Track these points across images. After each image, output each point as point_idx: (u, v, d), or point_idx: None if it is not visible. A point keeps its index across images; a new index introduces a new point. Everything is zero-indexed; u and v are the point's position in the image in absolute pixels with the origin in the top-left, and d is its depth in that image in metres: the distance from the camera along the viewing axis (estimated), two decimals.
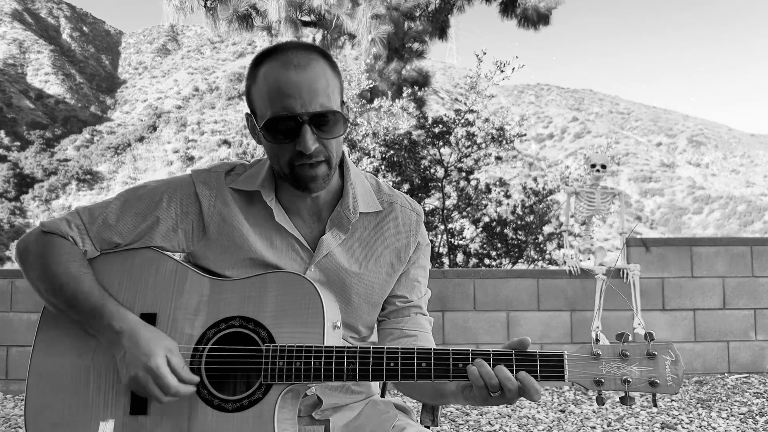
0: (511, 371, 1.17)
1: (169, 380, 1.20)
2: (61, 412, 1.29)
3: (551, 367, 1.18)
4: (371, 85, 8.51)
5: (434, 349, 1.20)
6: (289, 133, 1.24)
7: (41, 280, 1.31)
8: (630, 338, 1.18)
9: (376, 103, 7.91)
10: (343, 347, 1.22)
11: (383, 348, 1.22)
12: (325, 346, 1.22)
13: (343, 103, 1.31)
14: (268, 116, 1.25)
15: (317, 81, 1.24)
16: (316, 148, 1.25)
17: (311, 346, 1.22)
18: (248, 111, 1.34)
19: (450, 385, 1.28)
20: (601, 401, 1.19)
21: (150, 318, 1.31)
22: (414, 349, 1.21)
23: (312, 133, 1.24)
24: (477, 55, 7.91)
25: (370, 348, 1.22)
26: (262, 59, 1.29)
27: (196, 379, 1.24)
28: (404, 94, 8.06)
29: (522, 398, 1.65)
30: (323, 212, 1.41)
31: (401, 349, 1.21)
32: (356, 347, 1.22)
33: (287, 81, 1.23)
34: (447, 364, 1.19)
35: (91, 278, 1.31)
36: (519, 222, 7.84)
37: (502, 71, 7.80)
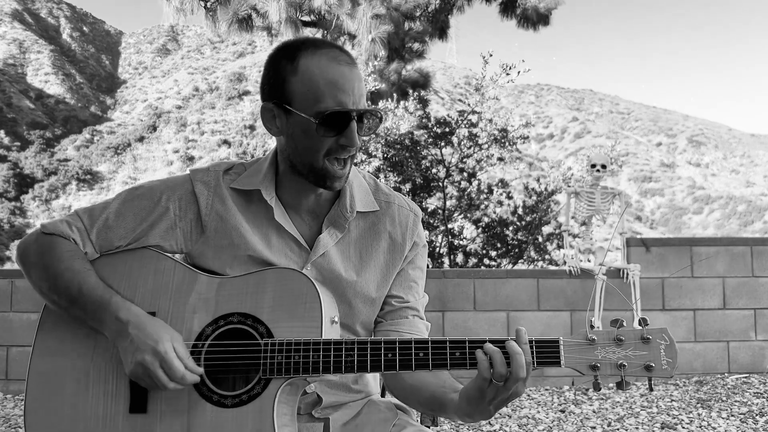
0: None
1: (176, 364, 1.21)
2: (61, 412, 1.29)
3: (547, 353, 1.18)
4: (377, 87, 8.51)
5: (431, 339, 1.21)
6: (337, 127, 1.26)
7: (43, 279, 1.32)
8: (624, 324, 1.19)
9: (381, 104, 7.91)
10: (341, 340, 1.23)
11: (381, 339, 1.23)
12: (323, 339, 1.22)
13: None
14: (323, 109, 1.24)
15: (361, 80, 1.29)
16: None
17: (309, 340, 1.22)
18: (274, 101, 1.30)
19: (451, 393, 1.27)
20: (597, 387, 1.20)
21: None
22: (411, 339, 1.22)
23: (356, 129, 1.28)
24: (483, 57, 7.83)
25: (367, 339, 1.23)
26: (297, 51, 1.28)
27: (201, 370, 1.25)
28: (410, 98, 8.09)
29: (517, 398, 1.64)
30: (322, 211, 1.42)
31: (398, 339, 1.22)
32: (354, 339, 1.23)
33: (342, 76, 1.25)
34: (444, 353, 1.20)
35: (94, 274, 1.32)
36: (519, 222, 7.84)
37: (507, 74, 7.77)
